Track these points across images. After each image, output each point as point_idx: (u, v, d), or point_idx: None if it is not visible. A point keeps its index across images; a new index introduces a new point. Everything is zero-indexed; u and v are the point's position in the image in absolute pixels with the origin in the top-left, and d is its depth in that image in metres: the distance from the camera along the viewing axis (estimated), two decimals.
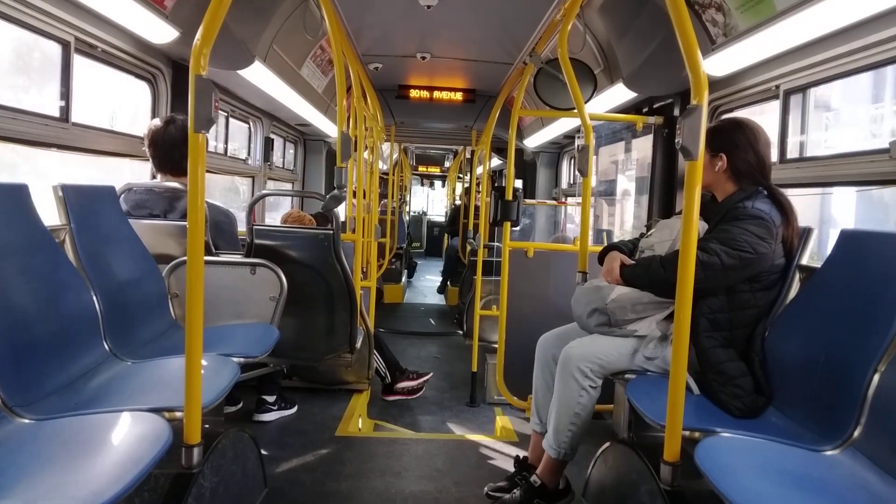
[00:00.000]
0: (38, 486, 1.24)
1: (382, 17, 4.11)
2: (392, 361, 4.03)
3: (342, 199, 2.96)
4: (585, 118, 2.95)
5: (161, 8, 2.54)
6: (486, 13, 3.89)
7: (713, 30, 2.68)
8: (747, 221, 1.96)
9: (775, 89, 2.79)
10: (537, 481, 2.30)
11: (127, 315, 2.24)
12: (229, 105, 4.36)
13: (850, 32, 2.15)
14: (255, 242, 2.85)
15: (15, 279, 1.72)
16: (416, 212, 15.91)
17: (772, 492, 1.40)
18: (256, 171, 5.06)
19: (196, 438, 1.63)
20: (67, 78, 2.51)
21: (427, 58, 4.99)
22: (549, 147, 6.91)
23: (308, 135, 6.40)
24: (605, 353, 2.16)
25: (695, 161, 1.56)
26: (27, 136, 2.30)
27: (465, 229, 8.26)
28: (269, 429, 3.10)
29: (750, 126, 2.11)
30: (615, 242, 2.42)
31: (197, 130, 1.54)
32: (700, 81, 1.54)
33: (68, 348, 1.87)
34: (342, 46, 3.00)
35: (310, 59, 4.44)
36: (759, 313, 2.02)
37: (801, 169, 2.69)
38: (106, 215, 2.37)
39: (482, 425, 3.61)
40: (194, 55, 1.52)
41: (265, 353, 2.29)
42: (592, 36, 3.83)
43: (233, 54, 3.25)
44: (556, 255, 3.69)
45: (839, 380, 1.71)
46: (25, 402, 1.60)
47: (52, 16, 2.32)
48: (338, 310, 3.02)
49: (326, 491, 2.47)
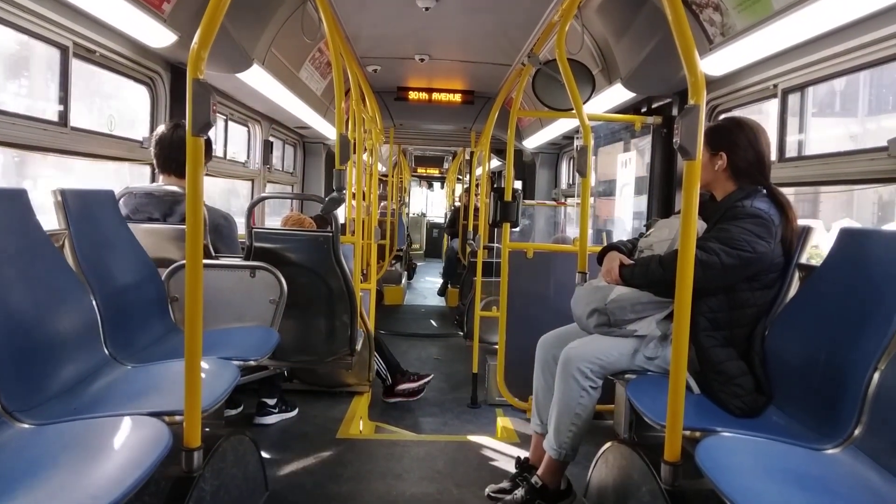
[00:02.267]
0: (39, 491, 1.24)
1: (380, 19, 4.11)
2: (393, 363, 4.03)
3: (342, 202, 2.96)
4: (584, 119, 2.95)
5: (159, 12, 2.54)
6: (484, 14, 3.90)
7: (711, 29, 2.68)
8: (746, 220, 1.96)
9: (773, 88, 2.80)
10: (538, 482, 2.29)
11: (127, 319, 2.24)
12: (228, 108, 4.37)
13: (848, 31, 2.16)
14: (254, 245, 2.85)
15: (15, 284, 1.72)
16: (416, 213, 15.91)
17: (772, 491, 1.40)
18: (256, 174, 5.07)
19: (196, 442, 1.62)
20: (66, 82, 2.51)
21: (425, 60, 5.00)
22: (548, 148, 6.91)
23: (307, 137, 6.40)
24: (605, 354, 2.16)
25: (693, 161, 1.56)
26: (26, 140, 2.31)
27: (464, 231, 8.26)
28: (269, 432, 3.10)
29: (750, 125, 2.11)
30: (614, 242, 2.42)
31: (195, 134, 1.55)
32: (698, 81, 1.54)
33: (68, 353, 1.87)
34: (340, 49, 3.00)
35: (308, 62, 4.45)
36: (758, 312, 2.02)
37: (800, 168, 2.69)
38: (105, 220, 2.37)
39: (483, 426, 3.61)
40: (192, 59, 1.52)
41: (265, 356, 2.29)
42: (590, 36, 3.83)
43: (231, 58, 3.26)
44: (555, 256, 3.69)
45: (839, 378, 1.71)
46: (26, 406, 1.60)
47: (50, 21, 2.33)
48: (338, 312, 3.02)
49: (327, 493, 2.47)
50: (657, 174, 3.90)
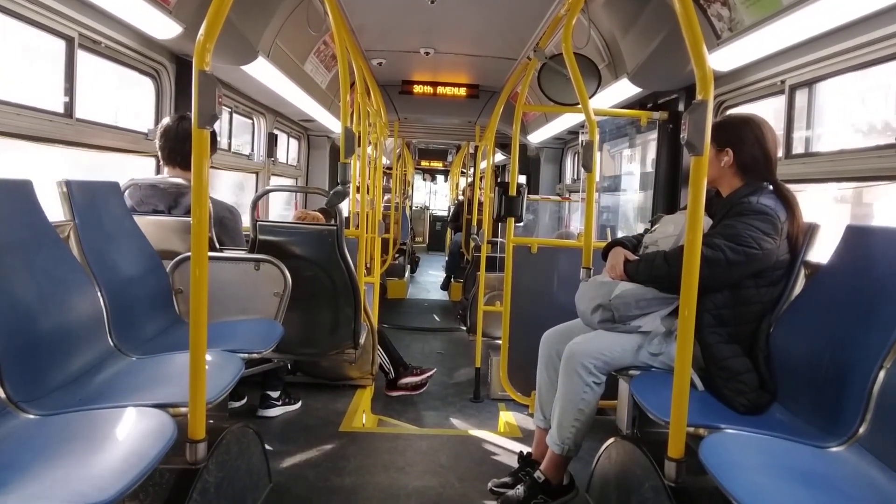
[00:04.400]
0: (44, 481, 1.24)
1: (386, 12, 4.10)
2: (396, 357, 4.04)
3: (346, 195, 2.96)
4: (590, 113, 2.94)
5: (164, 3, 2.54)
6: (490, 8, 3.88)
7: (718, 24, 2.66)
8: (752, 217, 1.95)
9: (780, 84, 2.78)
10: (541, 477, 2.30)
11: (131, 311, 2.25)
12: (233, 101, 4.36)
13: (857, 27, 2.14)
14: (258, 238, 2.85)
15: (20, 275, 1.72)
16: (419, 206, 15.91)
17: (776, 488, 1.40)
18: (260, 166, 5.07)
19: (200, 434, 1.63)
20: (71, 73, 2.51)
21: (430, 53, 4.98)
22: (552, 143, 6.89)
23: (312, 130, 6.40)
24: (609, 350, 2.16)
25: (700, 156, 1.56)
26: (31, 131, 2.31)
27: (468, 225, 8.26)
28: (273, 424, 3.11)
29: (757, 121, 2.10)
30: (619, 238, 2.41)
31: (201, 126, 1.54)
32: (705, 76, 1.53)
33: (73, 344, 1.87)
34: (345, 42, 2.99)
35: (313, 55, 4.44)
36: (763, 309, 2.01)
37: (807, 164, 2.67)
38: (110, 211, 2.37)
39: (486, 421, 3.61)
40: (197, 51, 1.52)
41: (269, 349, 2.29)
42: (597, 31, 3.81)
43: (236, 50, 3.25)
44: (560, 251, 3.69)
45: (844, 376, 1.70)
46: (31, 397, 1.61)
47: (55, 11, 2.33)
48: (341, 305, 3.02)
49: (330, 486, 2.48)
50: (662, 170, 3.88)
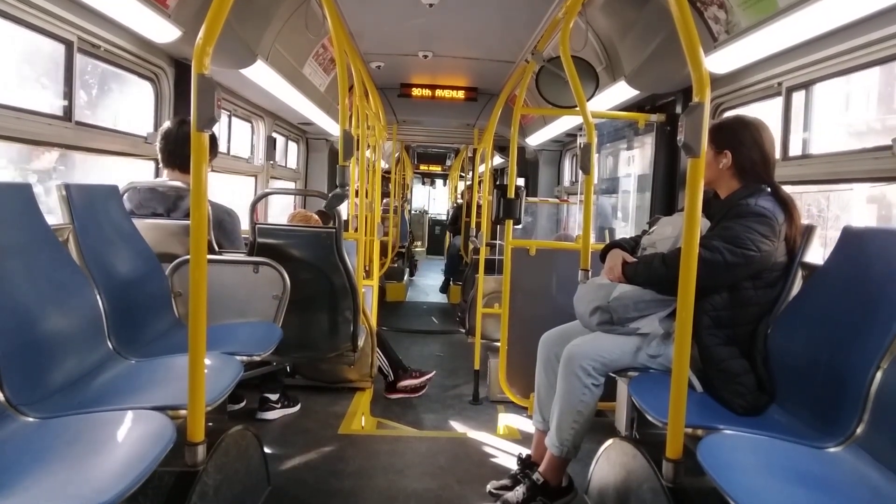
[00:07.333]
0: (43, 484, 1.25)
1: (384, 15, 4.11)
2: (395, 360, 4.04)
3: (345, 198, 2.96)
4: (587, 116, 2.95)
5: (163, 7, 2.55)
6: (488, 11, 3.89)
7: (715, 27, 2.67)
8: (751, 219, 1.95)
9: (777, 86, 2.79)
10: (540, 479, 2.30)
11: (130, 314, 2.25)
12: (232, 104, 4.37)
13: (853, 29, 2.15)
14: (257, 241, 2.86)
15: (19, 278, 1.73)
16: (417, 209, 15.92)
17: (774, 489, 1.41)
18: (259, 169, 5.07)
19: (200, 436, 1.63)
20: (70, 77, 2.52)
21: (429, 56, 4.99)
22: (550, 145, 6.91)
23: (310, 133, 6.41)
24: (607, 351, 2.16)
25: (697, 158, 1.56)
26: (30, 135, 2.31)
27: (467, 228, 8.26)
28: (272, 427, 3.11)
29: (755, 124, 2.10)
30: (617, 240, 2.42)
31: (199, 129, 1.55)
32: (702, 79, 1.53)
33: (72, 347, 1.87)
34: (344, 45, 3.00)
35: (312, 58, 4.45)
36: (761, 311, 2.02)
37: (804, 166, 2.68)
38: (109, 214, 2.37)
39: (485, 423, 3.61)
40: (196, 54, 1.52)
41: (268, 352, 2.29)
42: (594, 34, 3.82)
43: (235, 53, 3.26)
44: (558, 253, 3.69)
45: (842, 377, 1.71)
46: (30, 400, 1.61)
47: (54, 15, 2.33)
48: (340, 308, 3.02)
49: (329, 489, 2.48)
50: (660, 172, 3.90)
